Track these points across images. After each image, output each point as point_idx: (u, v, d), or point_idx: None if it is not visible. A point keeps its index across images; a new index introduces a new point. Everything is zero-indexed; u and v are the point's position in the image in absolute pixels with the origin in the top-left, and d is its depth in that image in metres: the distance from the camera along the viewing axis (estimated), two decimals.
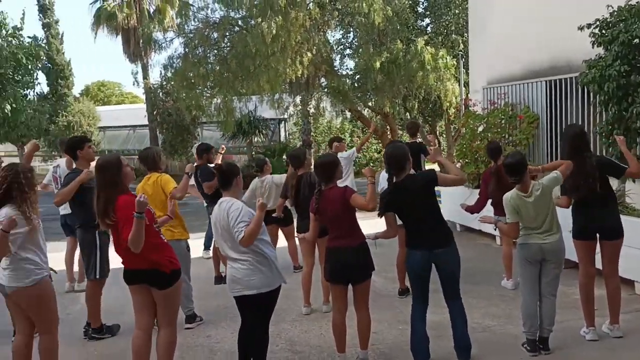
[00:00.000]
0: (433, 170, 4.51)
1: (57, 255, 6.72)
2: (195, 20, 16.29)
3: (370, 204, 4.33)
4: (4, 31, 16.74)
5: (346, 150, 9.25)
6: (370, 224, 6.66)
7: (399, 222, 4.49)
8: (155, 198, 5.20)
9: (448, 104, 15.54)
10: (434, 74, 14.53)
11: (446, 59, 14.77)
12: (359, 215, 4.49)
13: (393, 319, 5.60)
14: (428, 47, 14.42)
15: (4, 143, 22.69)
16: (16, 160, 27.49)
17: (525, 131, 9.31)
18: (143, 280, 4.02)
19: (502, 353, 4.71)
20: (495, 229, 6.49)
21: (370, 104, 17.83)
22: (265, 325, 4.20)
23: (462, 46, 15.56)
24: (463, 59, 15.54)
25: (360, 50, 15.54)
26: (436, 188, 4.42)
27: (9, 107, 15.27)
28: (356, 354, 4.59)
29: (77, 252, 7.22)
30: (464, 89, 15.31)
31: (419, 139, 8.59)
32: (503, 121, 9.61)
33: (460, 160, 10.23)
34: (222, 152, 8.77)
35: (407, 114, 18.57)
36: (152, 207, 4.18)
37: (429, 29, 17.60)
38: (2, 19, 17.03)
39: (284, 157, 21.34)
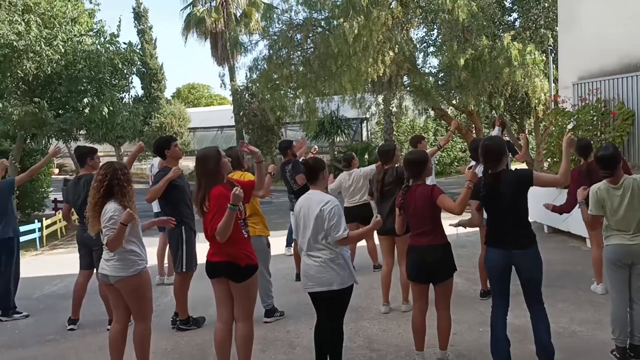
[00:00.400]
0: (530, 169, 4.34)
1: (149, 250, 7.09)
2: (279, 22, 16.61)
3: (458, 207, 4.25)
4: (102, 38, 17.79)
5: (427, 149, 9.14)
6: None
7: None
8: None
9: (536, 100, 14.93)
10: (522, 70, 14.00)
11: (534, 54, 14.19)
12: (444, 214, 4.43)
13: (474, 320, 5.49)
14: (515, 43, 13.91)
15: (102, 143, 24.09)
16: (114, 159, 29.18)
17: (619, 128, 8.82)
18: (221, 273, 4.17)
19: None
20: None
21: (454, 102, 17.47)
22: (339, 322, 4.23)
23: (551, 41, 14.89)
24: (552, 54, 14.88)
25: (444, 47, 15.24)
26: None
27: (106, 109, 16.17)
28: (435, 354, 4.55)
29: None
30: (553, 85, 14.66)
31: (506, 137, 8.36)
32: (594, 118, 9.14)
33: (549, 159, 9.85)
34: (315, 152, 8.78)
35: (493, 111, 18.01)
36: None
37: (516, 23, 16.97)
38: (100, 27, 18.11)
39: (366, 156, 21.37)
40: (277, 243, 8.05)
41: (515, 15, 17.24)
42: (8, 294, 6.72)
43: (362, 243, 7.74)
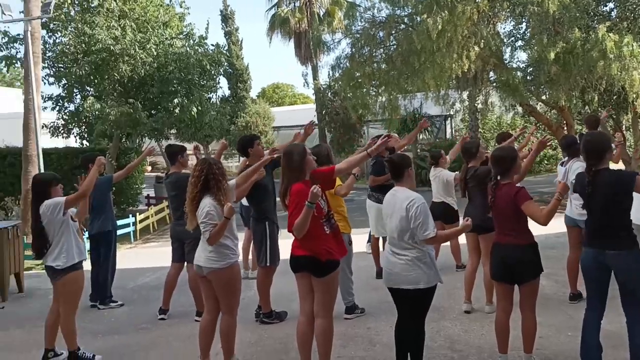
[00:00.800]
0: (635, 173, 4.09)
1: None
2: (362, 20, 16.64)
3: (544, 218, 4.02)
4: (191, 41, 18.53)
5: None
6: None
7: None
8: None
9: (634, 95, 14.05)
10: (618, 62, 13.23)
11: (632, 45, 13.36)
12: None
13: (562, 324, 5.27)
14: (611, 34, 13.17)
15: (191, 142, 25.11)
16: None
17: None
18: (303, 267, 4.24)
19: None
20: None
21: (543, 97, 16.79)
22: (421, 321, 4.19)
23: None
24: None
25: (533, 41, 14.67)
26: None
27: (195, 109, 16.83)
28: (519, 357, 4.41)
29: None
30: None
31: None
32: None
33: None
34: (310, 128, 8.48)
35: (586, 107, 17.15)
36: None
37: (612, 14, 16.06)
38: (190, 30, 18.88)
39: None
40: (359, 241, 8.06)
41: (611, 5, 16.29)
42: (106, 284, 7.16)
43: (446, 242, 7.64)
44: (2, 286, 7.66)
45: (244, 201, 7.62)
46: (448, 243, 7.60)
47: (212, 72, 18.70)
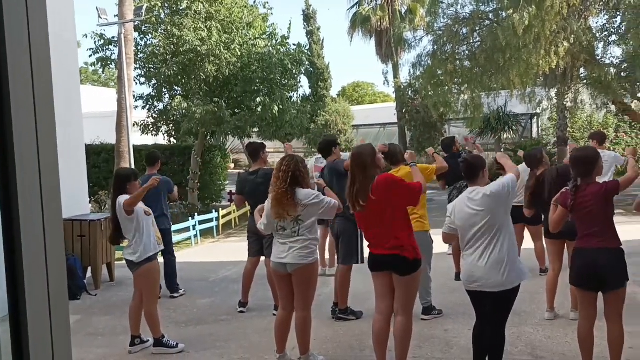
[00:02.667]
0: None
1: None
2: (445, 17, 16.36)
3: (632, 170, 4.11)
4: (274, 41, 18.89)
5: (606, 150, 8.35)
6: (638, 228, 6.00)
7: None
8: None
9: None
10: None
11: None
12: (620, 219, 4.08)
13: None
14: None
15: (273, 140, 25.56)
16: (283, 155, 30.74)
17: None
18: (387, 266, 4.23)
19: None
20: None
21: (639, 95, 15.86)
22: (503, 325, 4.08)
23: None
24: None
25: (629, 35, 13.90)
26: None
27: (276, 108, 17.16)
28: None
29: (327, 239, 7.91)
30: None
31: None
32: None
33: None
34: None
35: None
36: None
37: None
38: (273, 30, 19.24)
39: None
40: (438, 241, 7.92)
41: None
42: (174, 275, 7.57)
43: (529, 244, 7.38)
44: (95, 275, 8.14)
45: None
46: (532, 245, 7.34)
47: (294, 71, 18.97)
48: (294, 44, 19.47)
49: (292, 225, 4.48)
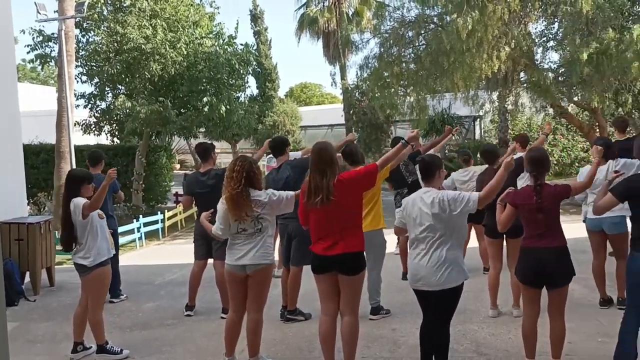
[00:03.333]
0: None
1: None
2: (391, 20, 16.56)
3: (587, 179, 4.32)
4: (221, 40, 18.71)
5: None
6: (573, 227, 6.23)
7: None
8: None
9: None
10: None
11: None
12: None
13: (592, 330, 5.17)
14: None
15: (220, 141, 25.36)
16: (230, 156, 30.51)
17: None
18: (336, 267, 4.21)
19: None
20: None
21: (575, 99, 16.51)
22: (447, 324, 4.16)
23: None
24: None
25: (565, 41, 14.44)
26: None
27: (224, 108, 16.98)
28: None
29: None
30: None
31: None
32: None
33: None
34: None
35: (620, 109, 16.81)
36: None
37: None
38: (219, 29, 19.05)
39: (478, 155, 20.74)
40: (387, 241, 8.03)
41: None
42: (116, 279, 7.34)
43: (474, 244, 7.56)
44: (34, 280, 7.83)
45: None
46: (476, 245, 7.53)
47: (241, 71, 18.86)
48: (241, 44, 19.36)
49: (254, 225, 4.42)
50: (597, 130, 16.62)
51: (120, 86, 18.09)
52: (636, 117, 16.65)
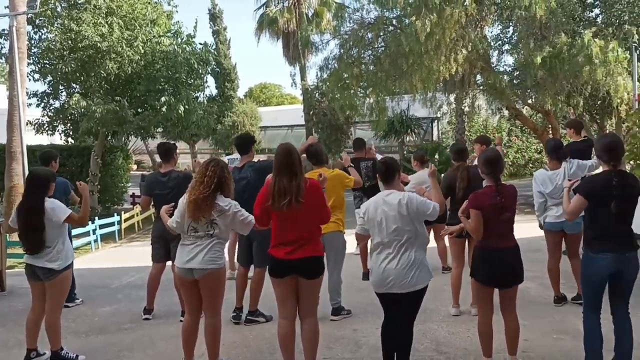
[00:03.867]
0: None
1: None
2: (351, 21, 16.65)
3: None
4: (179, 39, 18.44)
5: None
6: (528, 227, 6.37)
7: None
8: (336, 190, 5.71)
9: (619, 100, 14.22)
10: (603, 68, 13.39)
11: (617, 51, 13.53)
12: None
13: (547, 327, 5.30)
14: (596, 40, 13.32)
15: (178, 141, 25.01)
16: (188, 156, 30.12)
17: None
18: (296, 270, 4.20)
19: None
20: None
21: (529, 101, 16.95)
22: (412, 323, 4.20)
23: (636, 37, 14.12)
24: (637, 52, 14.14)
25: (520, 45, 14.81)
26: None
27: (182, 108, 16.75)
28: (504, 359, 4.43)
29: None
30: (638, 84, 13.92)
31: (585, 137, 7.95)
32: None
33: (631, 162, 9.36)
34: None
35: (572, 110, 17.34)
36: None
37: (598, 20, 16.24)
38: (178, 28, 18.78)
39: (436, 156, 21.07)
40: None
41: (597, 11, 16.49)
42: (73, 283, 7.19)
43: (432, 244, 7.64)
44: None
45: None
46: (434, 245, 7.62)
47: (200, 70, 18.63)
48: (200, 43, 19.12)
49: (206, 228, 4.36)
50: (550, 132, 17.09)
51: (74, 85, 17.64)
52: (587, 119, 17.18)
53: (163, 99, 16.78)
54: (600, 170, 4.26)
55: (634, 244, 4.07)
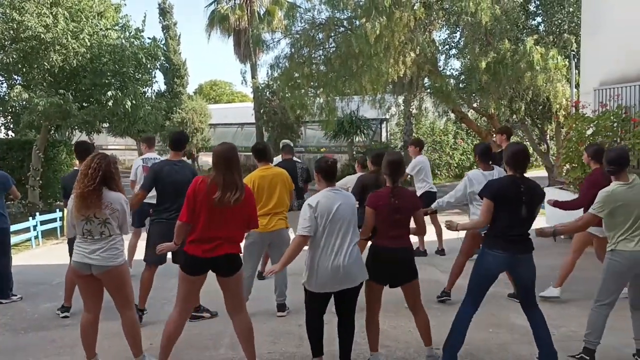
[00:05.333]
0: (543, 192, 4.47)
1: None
2: (302, 21, 16.71)
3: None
4: (127, 33, 18.03)
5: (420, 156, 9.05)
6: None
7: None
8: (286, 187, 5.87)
9: (558, 106, 14.84)
10: (544, 74, 13.96)
11: (557, 59, 14.13)
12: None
13: (484, 321, 5.51)
14: (538, 47, 13.86)
15: (125, 137, 24.50)
16: (135, 153, 29.50)
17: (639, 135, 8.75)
18: (213, 267, 4.24)
19: None
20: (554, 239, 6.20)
21: (474, 104, 17.43)
22: (354, 315, 4.36)
23: (574, 46, 14.75)
24: (575, 60, 14.78)
25: (466, 50, 15.23)
26: None
27: (129, 103, 16.38)
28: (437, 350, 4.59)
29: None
30: (575, 90, 14.55)
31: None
32: (614, 124, 9.08)
33: (567, 165, 9.79)
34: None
35: (514, 115, 17.91)
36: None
37: (540, 28, 16.87)
38: (126, 22, 18.36)
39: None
40: None
41: (539, 19, 17.13)
42: (8, 278, 7.10)
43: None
44: None
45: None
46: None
47: (148, 65, 18.24)
48: (149, 38, 18.77)
49: (100, 229, 4.28)
50: (494, 135, 17.62)
51: (16, 76, 17.01)
52: (528, 123, 17.80)
53: (109, 93, 16.36)
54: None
55: (529, 246, 4.31)
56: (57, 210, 14.27)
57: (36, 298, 7.15)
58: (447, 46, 17.46)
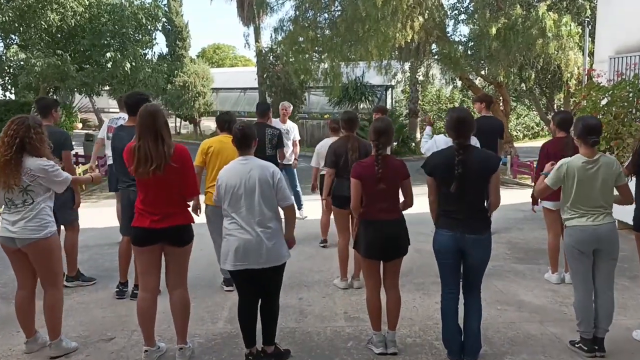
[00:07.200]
0: (499, 159, 4.04)
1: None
2: None
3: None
4: None
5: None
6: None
7: None
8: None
9: (569, 74, 14.47)
10: (556, 42, 13.54)
11: (570, 26, 13.69)
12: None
13: (491, 298, 5.32)
14: (550, 13, 13.42)
15: None
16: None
17: None
18: (163, 239, 3.97)
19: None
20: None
21: (483, 72, 17.06)
22: (278, 296, 4.17)
23: (589, 12, 14.32)
24: (589, 27, 14.33)
25: (476, 15, 14.80)
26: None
27: (129, 65, 16.06)
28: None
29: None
30: (588, 59, 14.16)
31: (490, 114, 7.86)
32: (630, 94, 8.74)
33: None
34: None
35: (523, 84, 17.55)
36: None
37: None
38: None
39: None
40: None
41: None
42: None
43: (317, 215, 7.53)
44: None
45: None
46: (318, 217, 7.48)
47: (149, 26, 17.83)
48: None
49: (22, 196, 4.01)
50: (502, 104, 17.27)
51: (13, 36, 16.64)
52: (537, 92, 17.45)
53: (108, 54, 16.02)
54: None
55: (478, 226, 3.86)
56: None
57: None
58: (456, 11, 17.02)
